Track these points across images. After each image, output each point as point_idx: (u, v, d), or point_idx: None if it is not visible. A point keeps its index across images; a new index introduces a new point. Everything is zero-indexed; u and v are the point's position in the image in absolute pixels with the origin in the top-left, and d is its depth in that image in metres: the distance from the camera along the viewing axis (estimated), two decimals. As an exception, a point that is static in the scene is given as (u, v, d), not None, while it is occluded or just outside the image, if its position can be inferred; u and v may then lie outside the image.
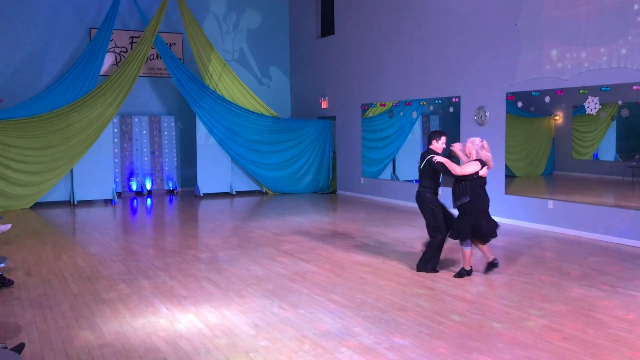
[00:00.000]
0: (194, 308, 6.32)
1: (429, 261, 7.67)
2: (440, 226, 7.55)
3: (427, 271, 7.63)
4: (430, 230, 7.64)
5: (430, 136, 7.70)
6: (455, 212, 7.60)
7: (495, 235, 7.37)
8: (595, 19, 9.63)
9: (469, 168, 7.21)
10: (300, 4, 18.38)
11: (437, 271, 7.65)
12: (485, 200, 7.37)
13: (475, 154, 7.30)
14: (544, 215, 10.62)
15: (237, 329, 5.66)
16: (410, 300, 6.47)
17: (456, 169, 7.24)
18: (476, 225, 7.21)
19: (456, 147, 7.57)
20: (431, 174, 7.55)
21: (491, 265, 7.50)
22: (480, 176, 7.26)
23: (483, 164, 7.25)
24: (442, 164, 7.31)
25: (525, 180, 12.14)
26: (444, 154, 7.59)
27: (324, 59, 17.16)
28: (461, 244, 7.40)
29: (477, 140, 7.37)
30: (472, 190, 7.21)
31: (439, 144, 7.59)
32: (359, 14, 15.49)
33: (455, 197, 7.33)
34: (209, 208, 14.17)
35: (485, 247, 7.48)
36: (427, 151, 7.61)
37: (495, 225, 7.34)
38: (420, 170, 7.62)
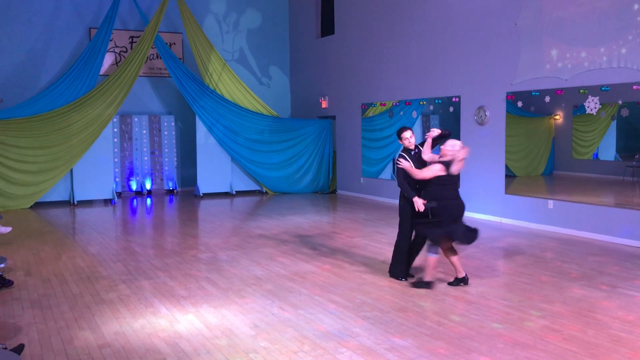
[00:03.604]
0: (194, 308, 6.31)
1: (397, 266, 7.34)
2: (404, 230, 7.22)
3: (396, 278, 7.29)
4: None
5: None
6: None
7: (467, 243, 6.86)
8: (595, 19, 9.62)
9: (428, 172, 6.86)
10: (300, 4, 18.37)
11: (405, 279, 7.23)
12: (456, 206, 6.87)
13: (450, 157, 6.77)
14: (544, 215, 10.62)
15: (237, 329, 5.66)
16: (410, 301, 6.47)
17: (416, 174, 6.92)
18: (450, 234, 6.77)
19: (431, 134, 7.18)
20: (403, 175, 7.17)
21: (459, 281, 6.98)
22: (451, 175, 6.79)
23: (447, 165, 6.77)
24: (402, 170, 7.05)
25: (525, 180, 12.13)
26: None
27: (324, 59, 17.15)
28: (428, 250, 6.91)
29: (458, 145, 6.85)
30: (440, 194, 6.81)
31: (406, 142, 7.30)
32: (359, 14, 15.48)
33: (426, 201, 6.94)
34: (209, 208, 14.16)
35: (456, 260, 6.97)
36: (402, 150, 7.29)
37: (469, 235, 6.79)
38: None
